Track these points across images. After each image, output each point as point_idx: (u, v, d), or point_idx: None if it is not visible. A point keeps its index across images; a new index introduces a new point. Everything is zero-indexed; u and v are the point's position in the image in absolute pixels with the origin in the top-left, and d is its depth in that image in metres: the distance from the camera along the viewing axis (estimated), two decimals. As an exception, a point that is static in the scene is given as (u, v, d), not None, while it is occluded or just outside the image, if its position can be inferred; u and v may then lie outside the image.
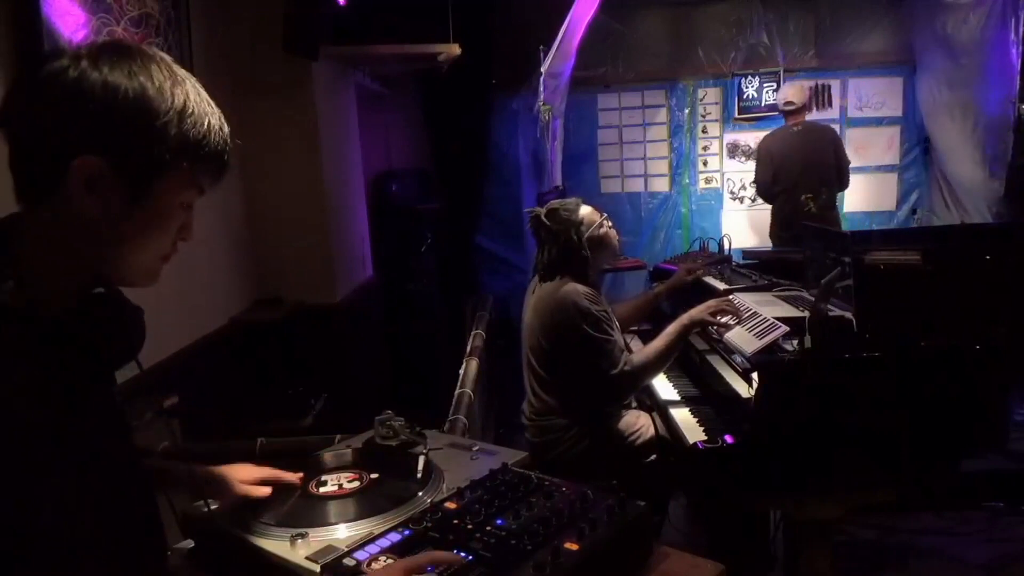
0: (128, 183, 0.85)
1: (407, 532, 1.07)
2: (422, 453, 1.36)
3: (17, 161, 0.85)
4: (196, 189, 0.92)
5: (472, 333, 3.61)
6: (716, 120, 5.96)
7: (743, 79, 5.85)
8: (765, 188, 4.94)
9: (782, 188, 4.81)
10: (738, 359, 2.25)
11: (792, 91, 4.88)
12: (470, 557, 0.99)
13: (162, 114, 0.85)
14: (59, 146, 0.82)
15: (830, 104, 5.82)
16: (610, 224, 2.64)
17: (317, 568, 1.02)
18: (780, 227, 4.86)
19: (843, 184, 4.91)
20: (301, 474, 1.31)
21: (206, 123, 0.89)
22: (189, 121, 0.87)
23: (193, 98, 0.88)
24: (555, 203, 2.61)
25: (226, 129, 0.92)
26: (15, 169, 0.86)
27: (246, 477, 1.25)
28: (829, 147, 4.82)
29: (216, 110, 0.91)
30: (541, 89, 4.64)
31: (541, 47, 4.63)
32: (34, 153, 0.84)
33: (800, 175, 4.74)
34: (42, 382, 0.81)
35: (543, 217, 2.56)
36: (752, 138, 5.91)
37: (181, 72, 0.90)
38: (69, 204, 0.83)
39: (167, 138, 0.85)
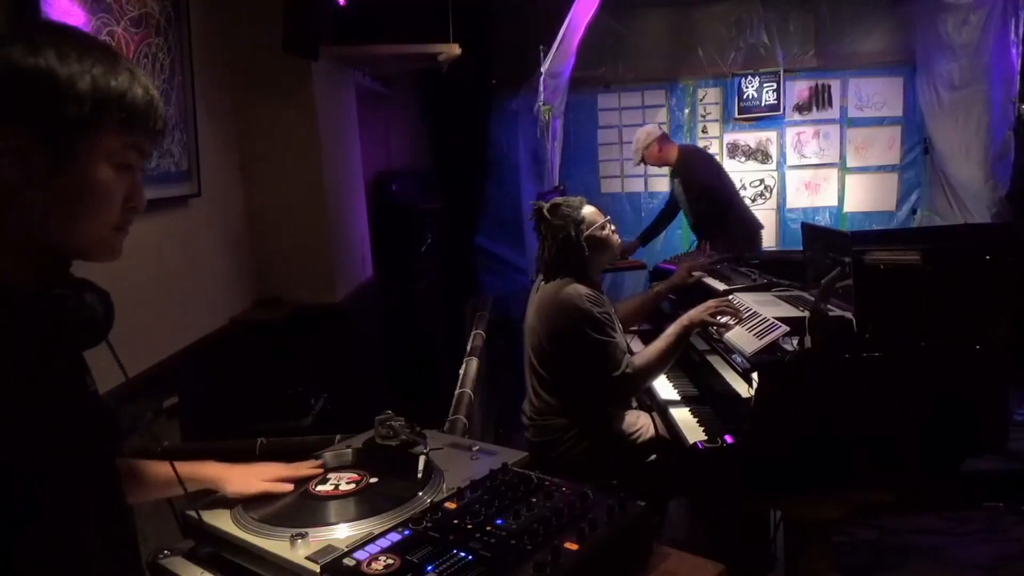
0: (50, 147, 0.84)
1: (407, 532, 1.07)
2: (422, 453, 1.36)
3: None
4: (133, 150, 0.91)
5: (472, 333, 3.60)
6: (716, 120, 5.96)
7: (743, 79, 5.84)
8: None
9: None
10: (738, 359, 2.25)
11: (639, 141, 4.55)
12: (470, 557, 0.99)
13: (74, 74, 0.84)
14: None
15: (830, 104, 5.82)
16: (613, 228, 2.64)
17: (317, 568, 1.02)
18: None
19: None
20: (319, 462, 1.35)
21: (123, 78, 0.88)
22: (104, 77, 0.86)
23: (111, 59, 0.88)
24: (559, 200, 2.60)
25: (151, 89, 0.91)
26: None
27: (268, 475, 1.28)
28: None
29: (141, 75, 0.91)
30: (541, 89, 4.64)
31: (541, 47, 4.63)
32: None
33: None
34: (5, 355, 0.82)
35: (545, 212, 2.56)
36: (752, 138, 5.93)
37: (108, 45, 0.92)
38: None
39: (81, 94, 0.84)
